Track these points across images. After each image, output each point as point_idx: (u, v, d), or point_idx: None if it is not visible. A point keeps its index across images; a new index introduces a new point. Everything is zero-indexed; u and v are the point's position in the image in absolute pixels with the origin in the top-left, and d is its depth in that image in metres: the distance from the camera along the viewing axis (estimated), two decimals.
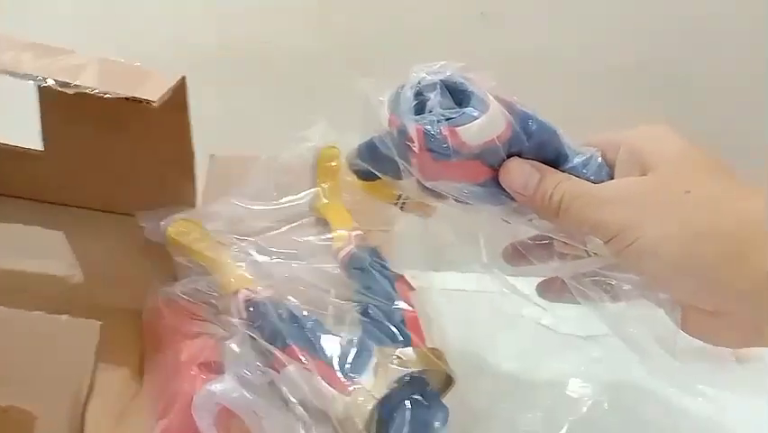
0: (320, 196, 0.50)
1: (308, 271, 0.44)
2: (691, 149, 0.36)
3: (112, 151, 0.48)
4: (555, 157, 0.37)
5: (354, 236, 0.46)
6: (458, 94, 0.36)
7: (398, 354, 0.37)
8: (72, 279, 0.46)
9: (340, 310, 0.42)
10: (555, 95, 0.59)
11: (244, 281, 0.43)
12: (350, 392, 0.36)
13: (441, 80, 0.36)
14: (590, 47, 0.87)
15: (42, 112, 0.45)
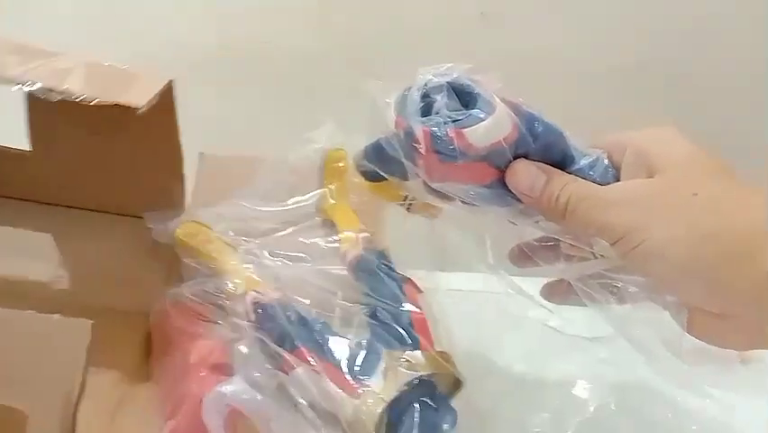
0: (327, 197, 0.50)
1: (315, 273, 0.44)
2: (698, 152, 0.36)
3: (100, 152, 0.48)
4: (562, 159, 0.37)
5: (362, 238, 0.47)
6: (464, 96, 0.36)
7: (407, 357, 0.38)
8: (61, 282, 0.46)
9: (347, 313, 0.42)
10: (555, 95, 0.59)
11: (252, 283, 0.43)
12: (359, 395, 0.36)
13: (447, 82, 0.36)
14: (590, 47, 0.87)
15: (29, 115, 0.45)
